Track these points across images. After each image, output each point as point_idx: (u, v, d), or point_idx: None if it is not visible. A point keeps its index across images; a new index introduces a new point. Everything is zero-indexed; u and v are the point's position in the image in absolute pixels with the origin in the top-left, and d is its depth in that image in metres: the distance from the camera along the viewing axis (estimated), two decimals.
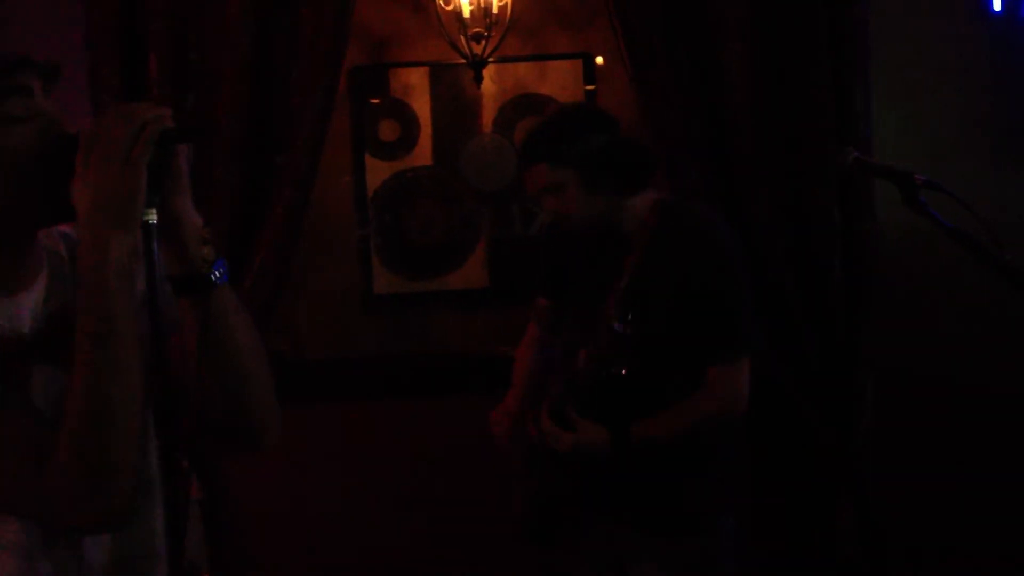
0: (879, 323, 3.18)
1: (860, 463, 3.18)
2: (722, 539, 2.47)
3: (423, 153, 3.93)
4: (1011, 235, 2.74)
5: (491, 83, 3.87)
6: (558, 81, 3.92)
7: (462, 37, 3.55)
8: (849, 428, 3.14)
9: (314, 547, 3.46)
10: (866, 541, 3.21)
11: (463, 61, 3.61)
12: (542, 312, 2.74)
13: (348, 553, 3.48)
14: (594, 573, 2.58)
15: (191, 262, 1.33)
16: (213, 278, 1.33)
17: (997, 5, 3.43)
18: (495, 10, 3.55)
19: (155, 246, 1.26)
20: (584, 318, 2.49)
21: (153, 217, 1.26)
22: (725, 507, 2.49)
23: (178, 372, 1.33)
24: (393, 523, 3.52)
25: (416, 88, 3.92)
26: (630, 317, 2.28)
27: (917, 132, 3.40)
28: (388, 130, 3.92)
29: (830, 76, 3.08)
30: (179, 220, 1.31)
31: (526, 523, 2.60)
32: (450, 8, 3.55)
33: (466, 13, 3.54)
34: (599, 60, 3.92)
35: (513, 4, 3.58)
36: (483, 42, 3.55)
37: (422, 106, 3.93)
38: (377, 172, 3.90)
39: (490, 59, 3.61)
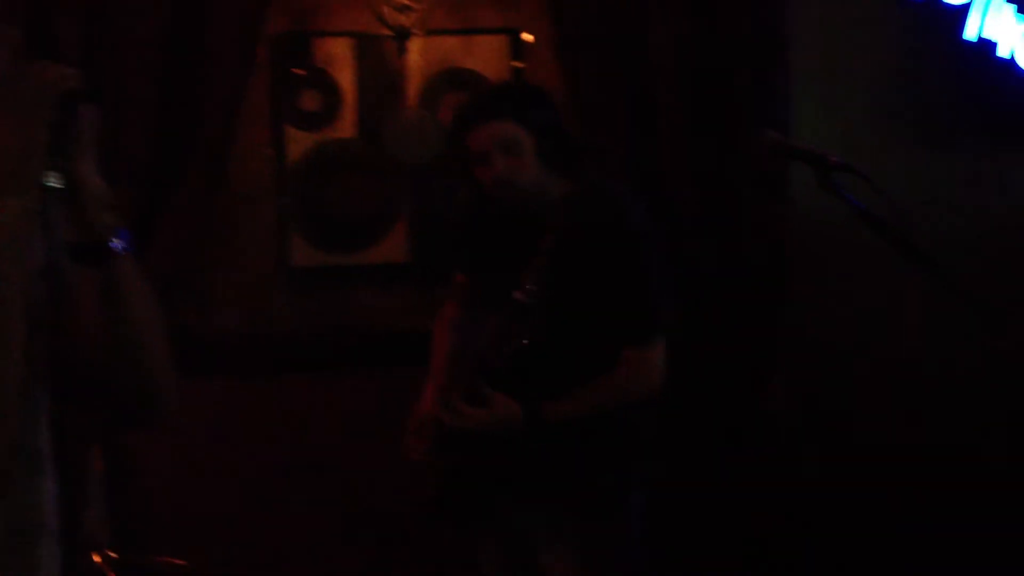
0: (794, 302, 3.23)
1: (775, 440, 3.23)
2: (631, 517, 2.48)
3: (346, 125, 3.87)
4: (930, 217, 2.81)
5: (417, 56, 3.82)
6: (485, 56, 3.89)
7: (388, 8, 3.51)
8: (761, 402, 3.20)
9: (221, 523, 3.41)
10: (781, 515, 3.27)
11: (389, 33, 3.56)
12: (459, 289, 2.72)
13: (256, 529, 3.44)
14: (504, 553, 2.58)
15: (92, 229, 1.28)
16: (113, 247, 1.29)
17: None
18: None
19: (55, 211, 1.21)
20: (499, 297, 2.48)
21: (55, 181, 1.21)
22: (634, 484, 2.50)
23: (75, 341, 1.29)
24: (303, 499, 3.48)
25: (340, 59, 3.86)
26: (529, 287, 2.28)
27: (836, 115, 3.45)
28: (310, 100, 3.85)
29: (751, 58, 3.12)
30: (81, 185, 1.26)
31: (437, 502, 2.58)
32: None
33: None
34: (527, 37, 3.89)
35: None
36: (409, 14, 3.51)
37: (346, 77, 3.86)
38: (298, 143, 3.83)
39: (416, 32, 3.57)
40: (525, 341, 2.32)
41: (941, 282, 1.81)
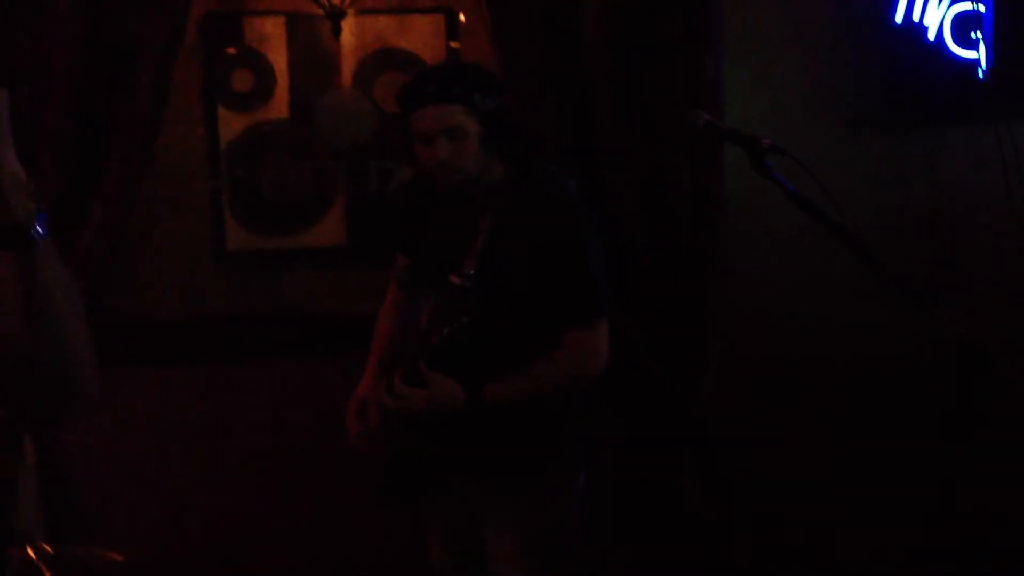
0: (727, 285, 3.26)
1: (706, 422, 3.27)
2: (574, 497, 2.50)
3: (279, 106, 3.81)
4: (859, 198, 2.85)
5: (350, 36, 3.77)
6: (419, 36, 3.85)
7: None
8: (695, 387, 3.23)
9: (158, 515, 3.36)
10: (711, 497, 3.31)
11: (321, 12, 3.51)
12: (401, 272, 2.71)
13: (194, 519, 3.40)
14: (449, 531, 2.59)
15: (10, 213, 1.25)
16: (32, 232, 1.26)
17: None
18: None
19: None
20: (438, 282, 2.47)
21: None
22: (577, 464, 2.52)
23: None
24: (243, 487, 3.45)
25: (272, 38, 3.79)
26: (468, 271, 2.28)
27: (765, 97, 3.49)
28: (242, 80, 3.78)
29: (683, 40, 3.13)
30: None
31: (383, 484, 2.58)
32: None
33: None
34: (461, 17, 3.87)
35: None
36: None
37: (278, 57, 3.80)
38: (230, 124, 3.76)
39: (349, 10, 3.53)
40: (465, 319, 2.31)
41: (871, 265, 1.84)
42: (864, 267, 1.85)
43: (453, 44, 3.84)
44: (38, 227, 1.28)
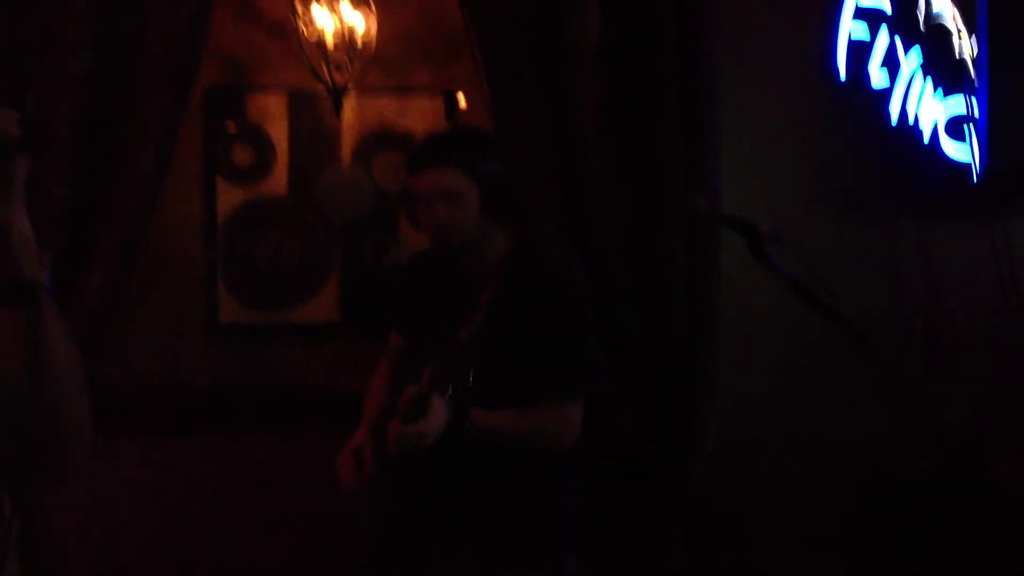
0: (719, 366, 3.26)
1: (697, 502, 3.24)
2: None
3: (278, 181, 3.84)
4: (855, 291, 2.87)
5: (351, 114, 3.82)
6: (419, 116, 3.90)
7: (323, 65, 3.51)
8: (686, 469, 3.20)
9: None
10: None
11: (323, 90, 3.56)
12: (394, 351, 2.70)
13: None
14: None
15: (16, 271, 1.26)
16: (37, 290, 1.27)
17: (842, 73, 3.60)
18: (358, 41, 3.52)
19: None
20: (436, 353, 2.46)
21: None
22: (568, 545, 2.48)
23: None
24: (225, 559, 3.38)
25: (274, 114, 3.84)
26: (476, 334, 2.26)
27: (761, 185, 3.53)
28: (243, 155, 3.81)
29: (681, 126, 3.17)
30: (8, 227, 1.25)
31: (368, 561, 2.53)
32: (312, 35, 3.51)
33: (328, 41, 3.50)
34: (461, 98, 3.92)
35: (377, 36, 3.56)
36: (345, 71, 3.52)
37: (279, 132, 3.84)
38: (229, 197, 3.79)
39: (351, 89, 3.58)
40: (470, 377, 2.28)
41: (866, 354, 1.84)
42: (858, 355, 1.85)
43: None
44: (43, 285, 1.28)
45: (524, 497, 2.41)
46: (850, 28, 3.59)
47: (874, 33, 3.60)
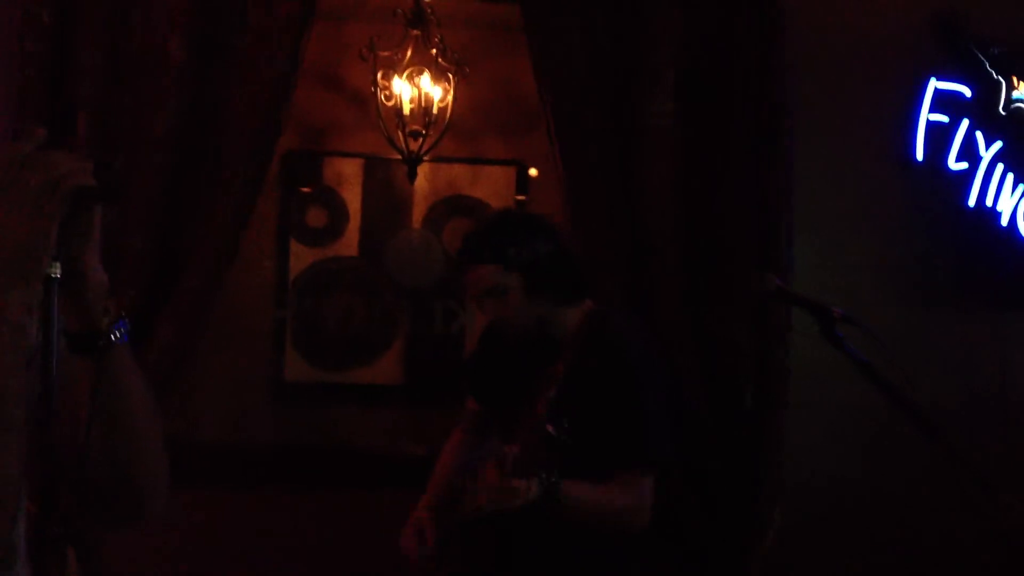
0: (786, 453, 3.20)
1: None
2: None
3: (350, 243, 3.90)
4: (928, 378, 2.81)
5: (424, 181, 3.88)
6: (490, 186, 3.95)
7: (400, 133, 3.57)
8: (749, 558, 3.13)
9: None
10: None
11: (398, 157, 3.62)
12: (470, 416, 2.70)
13: None
14: None
15: (92, 319, 1.28)
16: (112, 338, 1.28)
17: (920, 155, 3.57)
18: (435, 110, 3.59)
19: (55, 301, 1.20)
20: (512, 425, 2.45)
21: (56, 271, 1.21)
22: None
23: (62, 434, 1.26)
24: None
25: (349, 178, 3.92)
26: (565, 424, 2.22)
27: (835, 267, 3.48)
28: (316, 217, 3.89)
29: (755, 206, 3.16)
30: (84, 277, 1.26)
31: None
32: (390, 104, 3.58)
33: (406, 110, 3.57)
34: (533, 172, 3.96)
35: (452, 106, 3.62)
36: (420, 140, 3.58)
37: (353, 197, 3.92)
38: (301, 258, 3.86)
39: (425, 157, 3.63)
40: (556, 472, 2.25)
41: (940, 447, 1.79)
42: (928, 445, 1.80)
43: (519, 197, 3.93)
44: (116, 332, 1.29)
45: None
46: (929, 112, 3.56)
47: (953, 117, 3.57)
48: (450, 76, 3.61)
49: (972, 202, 3.56)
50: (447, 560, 2.44)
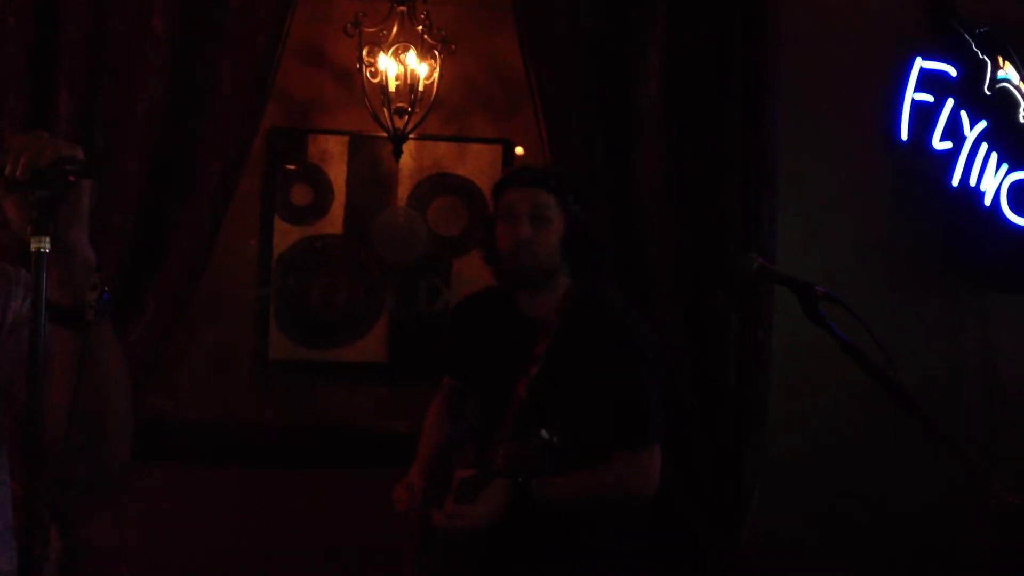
0: (768, 431, 3.21)
1: (741, 567, 3.17)
2: None
3: (334, 221, 3.89)
4: (911, 357, 2.83)
5: (409, 159, 3.87)
6: (476, 164, 3.95)
7: (385, 110, 3.56)
8: (731, 533, 3.15)
9: None
10: None
11: (384, 134, 3.61)
12: (447, 391, 2.70)
13: None
14: None
15: (76, 294, 1.29)
16: (95, 315, 1.31)
17: (904, 135, 3.57)
18: (421, 87, 3.57)
19: (43, 276, 1.22)
20: (491, 400, 2.45)
21: (46, 245, 1.23)
22: None
23: (45, 401, 1.28)
24: None
25: (334, 156, 3.90)
26: (558, 425, 2.20)
27: (820, 249, 3.50)
28: (301, 194, 3.87)
29: (739, 187, 3.16)
30: (71, 251, 1.30)
31: None
32: (376, 81, 3.56)
33: (391, 87, 3.55)
34: (519, 150, 3.95)
35: (438, 84, 3.60)
36: (405, 117, 3.56)
37: (338, 174, 3.90)
38: (285, 235, 3.84)
39: (411, 135, 3.62)
40: (526, 483, 2.26)
41: (922, 422, 1.80)
42: (912, 423, 1.81)
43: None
44: (100, 310, 1.31)
45: (586, 552, 2.38)
46: (914, 91, 3.57)
47: (938, 96, 3.58)
48: (436, 53, 3.60)
49: (956, 182, 3.58)
50: (430, 556, 2.44)
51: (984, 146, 3.59)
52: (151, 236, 2.91)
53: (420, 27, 3.56)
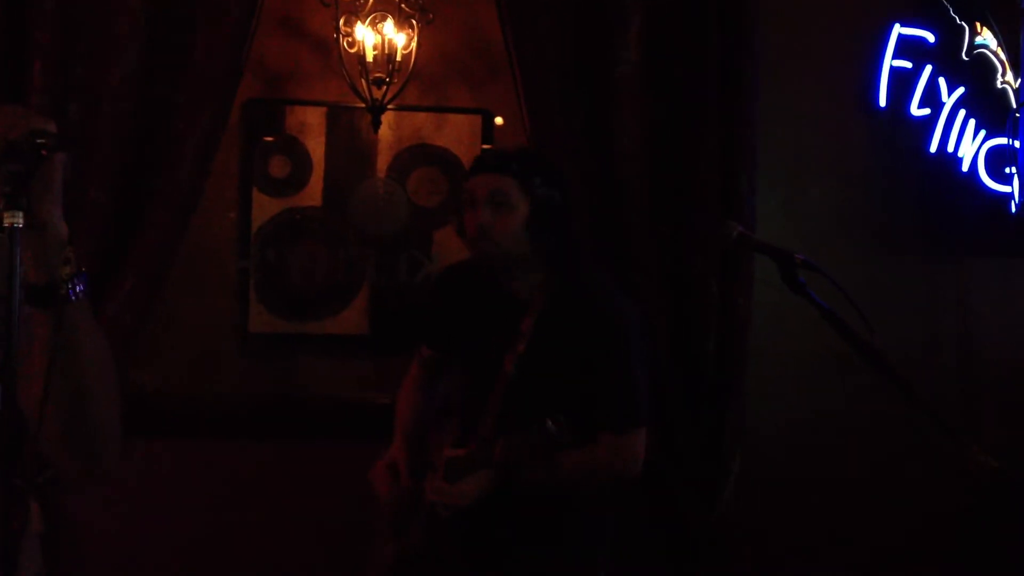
0: (748, 398, 3.23)
1: (720, 535, 3.20)
2: None
3: (313, 193, 3.86)
4: (890, 324, 2.85)
5: (388, 130, 3.84)
6: (455, 135, 3.92)
7: (363, 81, 3.53)
8: (711, 501, 3.17)
9: None
10: None
11: (362, 105, 3.58)
12: (424, 361, 2.70)
13: None
14: None
15: (51, 271, 1.27)
16: (71, 293, 1.28)
17: (883, 101, 3.58)
18: (399, 57, 3.54)
19: (18, 251, 1.20)
20: (474, 375, 2.45)
21: (19, 220, 1.20)
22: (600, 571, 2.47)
23: (22, 384, 1.25)
24: (245, 564, 3.38)
25: (312, 127, 3.86)
26: (562, 419, 2.21)
27: (799, 217, 3.51)
28: (279, 166, 3.84)
29: (718, 154, 3.16)
30: (44, 227, 1.26)
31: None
32: (353, 51, 3.53)
33: (369, 57, 3.52)
34: (499, 120, 3.93)
35: (417, 54, 3.58)
36: (384, 88, 3.53)
37: (316, 146, 3.87)
38: (264, 208, 3.81)
39: (389, 106, 3.59)
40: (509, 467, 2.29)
41: (899, 388, 1.81)
42: (890, 390, 1.83)
43: (485, 146, 3.90)
44: (76, 287, 1.29)
45: (564, 526, 2.40)
46: (892, 58, 3.57)
47: (916, 63, 3.58)
48: (414, 23, 3.56)
49: (934, 148, 3.59)
50: (414, 531, 2.45)
51: (962, 112, 3.60)
52: (127, 209, 2.89)
53: None
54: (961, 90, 3.60)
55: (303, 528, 3.41)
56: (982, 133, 3.61)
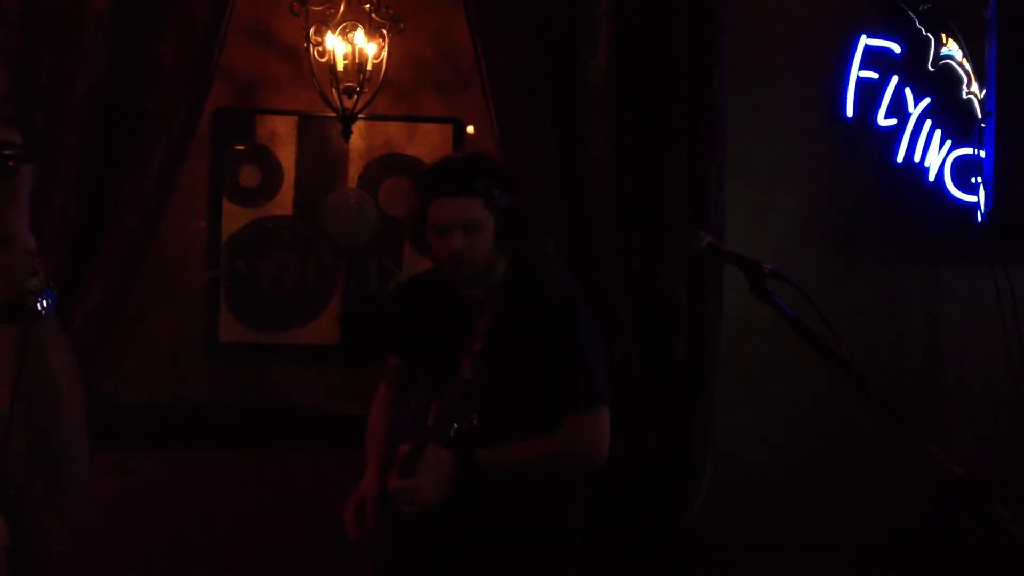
0: (717, 406, 3.25)
1: (690, 543, 3.21)
2: None
3: (284, 202, 3.85)
4: (856, 332, 2.86)
5: (359, 139, 3.84)
6: (427, 143, 3.92)
7: (334, 90, 3.53)
8: (681, 509, 3.18)
9: None
10: None
11: (333, 114, 3.57)
12: (393, 372, 2.70)
13: None
14: None
15: (17, 285, 1.25)
16: (39, 308, 1.26)
17: (850, 112, 3.61)
18: (369, 66, 3.54)
19: None
20: (437, 381, 2.46)
21: None
22: (574, 567, 2.48)
23: None
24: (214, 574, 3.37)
25: (282, 136, 3.86)
26: (479, 365, 2.26)
27: (766, 224, 3.53)
28: (249, 176, 3.83)
29: (687, 162, 3.18)
30: (12, 240, 1.24)
31: None
32: (324, 60, 3.53)
33: (340, 66, 3.52)
34: (470, 129, 3.94)
35: (387, 63, 3.58)
36: (354, 97, 3.53)
37: (287, 155, 3.86)
38: (234, 217, 3.80)
39: (360, 115, 3.59)
40: (475, 422, 2.29)
41: (866, 396, 1.83)
42: (857, 397, 1.84)
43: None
44: (44, 302, 1.27)
45: (538, 520, 2.41)
46: (859, 69, 3.60)
47: (883, 73, 3.62)
48: (384, 32, 3.57)
49: (900, 158, 3.63)
50: (382, 534, 2.44)
51: (928, 123, 3.64)
52: (94, 218, 2.86)
53: (367, 5, 3.53)
54: (927, 100, 3.64)
55: (273, 537, 3.39)
56: (948, 143, 3.64)
